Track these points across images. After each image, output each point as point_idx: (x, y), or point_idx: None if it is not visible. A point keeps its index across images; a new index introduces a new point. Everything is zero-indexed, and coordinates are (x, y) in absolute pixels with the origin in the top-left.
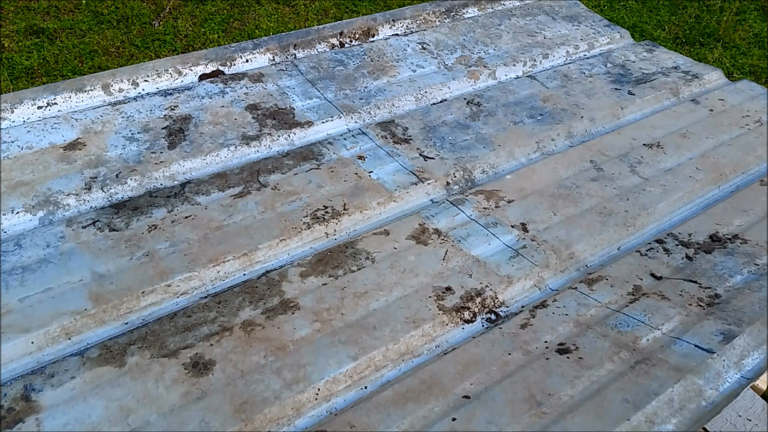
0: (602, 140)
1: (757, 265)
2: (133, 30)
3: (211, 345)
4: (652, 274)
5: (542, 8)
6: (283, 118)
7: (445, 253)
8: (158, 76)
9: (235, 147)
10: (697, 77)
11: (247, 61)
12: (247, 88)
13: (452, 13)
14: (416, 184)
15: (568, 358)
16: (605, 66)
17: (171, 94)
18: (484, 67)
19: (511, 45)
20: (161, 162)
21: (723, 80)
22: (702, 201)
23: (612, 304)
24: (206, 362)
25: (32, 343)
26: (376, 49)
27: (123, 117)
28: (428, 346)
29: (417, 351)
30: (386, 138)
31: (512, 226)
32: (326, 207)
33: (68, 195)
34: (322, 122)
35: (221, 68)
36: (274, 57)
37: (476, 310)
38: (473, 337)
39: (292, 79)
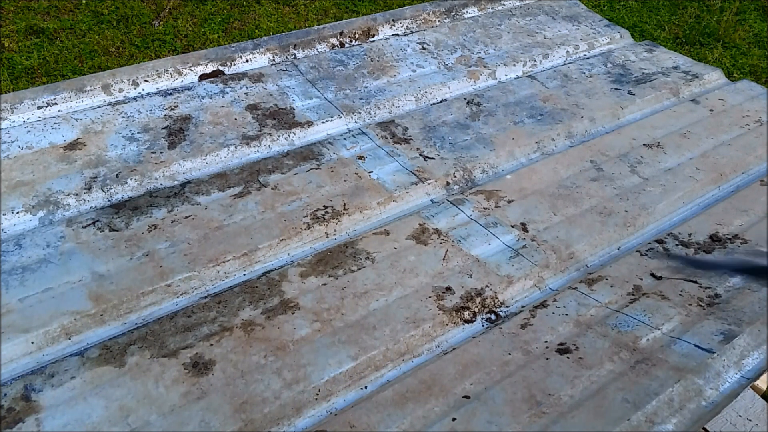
0: (602, 140)
1: None
2: (133, 30)
3: (211, 345)
4: (652, 274)
5: (542, 8)
6: (283, 118)
7: (445, 253)
8: (158, 76)
9: (235, 147)
10: (697, 77)
11: (247, 61)
12: (247, 88)
13: (452, 13)
14: (416, 184)
15: (568, 358)
16: (605, 66)
17: (171, 94)
18: (484, 67)
19: (511, 45)
20: (161, 162)
21: (723, 80)
22: (702, 201)
23: (612, 304)
24: (206, 362)
25: (32, 343)
26: (376, 49)
27: (123, 117)
28: (428, 346)
29: (417, 351)
30: (386, 138)
31: (512, 226)
32: (326, 207)
33: (68, 195)
34: (322, 122)
35: (221, 68)
36: (274, 57)
37: (476, 310)
38: (473, 337)
39: (292, 79)
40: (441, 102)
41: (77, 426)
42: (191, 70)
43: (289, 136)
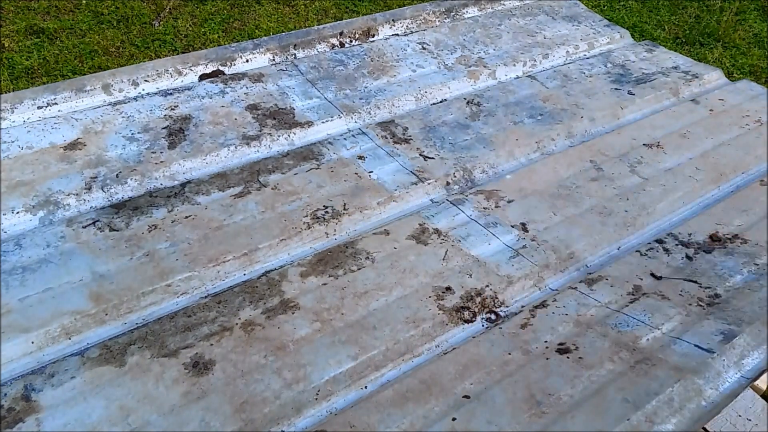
0: (602, 140)
1: (757, 265)
2: (133, 30)
3: (211, 345)
4: (652, 274)
5: (542, 8)
6: (283, 118)
7: (445, 253)
8: (158, 76)
9: (235, 147)
10: (697, 77)
11: (247, 61)
12: (247, 88)
13: (452, 13)
14: (416, 184)
15: (568, 358)
16: (605, 66)
17: (171, 94)
18: (484, 67)
19: (511, 45)
20: (161, 162)
21: (723, 80)
22: (702, 201)
23: (612, 303)
24: (206, 362)
25: (32, 342)
26: (376, 49)
27: (123, 117)
28: (428, 345)
29: (417, 351)
30: (386, 138)
31: (512, 226)
32: (326, 207)
33: (68, 195)
34: (322, 122)
35: (221, 68)
36: (274, 57)
37: (476, 309)
38: (473, 337)
39: (292, 79)
40: (441, 102)
41: (77, 426)
42: (191, 70)
43: (289, 136)
